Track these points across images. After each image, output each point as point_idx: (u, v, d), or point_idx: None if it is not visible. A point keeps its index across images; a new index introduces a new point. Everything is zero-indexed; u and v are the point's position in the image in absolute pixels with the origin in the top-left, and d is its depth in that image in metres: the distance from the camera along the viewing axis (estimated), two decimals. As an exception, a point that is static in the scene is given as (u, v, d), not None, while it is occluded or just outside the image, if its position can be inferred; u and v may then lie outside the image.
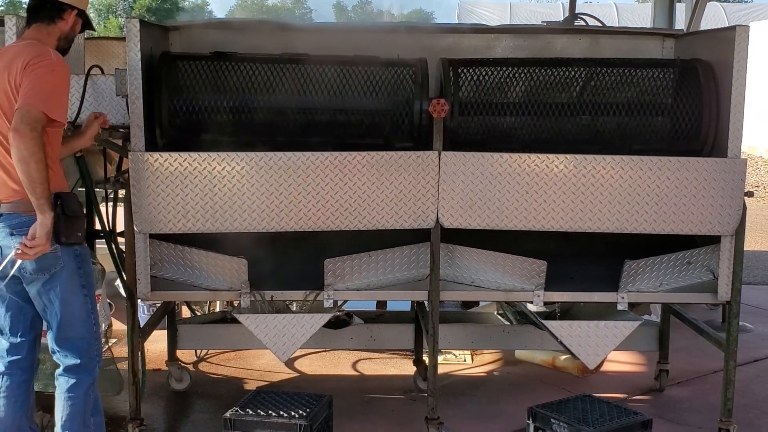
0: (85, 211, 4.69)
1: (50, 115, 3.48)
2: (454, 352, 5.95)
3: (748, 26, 4.14)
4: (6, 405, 3.78)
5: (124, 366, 4.78)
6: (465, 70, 4.58)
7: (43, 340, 4.12)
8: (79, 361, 3.76)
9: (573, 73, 4.58)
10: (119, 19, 46.57)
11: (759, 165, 17.23)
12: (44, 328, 3.85)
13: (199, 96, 4.40)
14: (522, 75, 4.60)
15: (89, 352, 3.80)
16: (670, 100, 4.48)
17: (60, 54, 3.70)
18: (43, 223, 3.47)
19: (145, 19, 4.33)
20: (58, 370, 3.79)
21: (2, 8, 50.67)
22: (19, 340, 3.81)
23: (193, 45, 4.80)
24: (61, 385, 3.77)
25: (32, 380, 3.90)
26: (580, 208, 4.20)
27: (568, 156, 4.17)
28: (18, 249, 3.50)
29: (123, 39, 4.35)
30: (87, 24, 3.90)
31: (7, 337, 3.81)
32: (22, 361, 3.82)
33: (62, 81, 3.62)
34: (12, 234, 3.58)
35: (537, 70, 4.60)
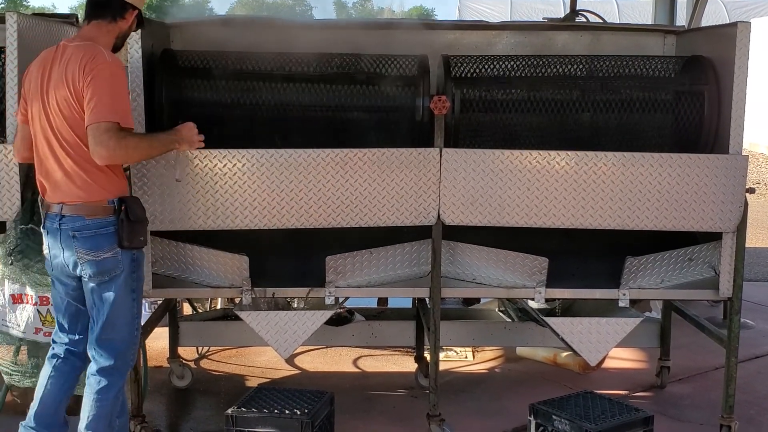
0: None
1: (121, 123, 3.52)
2: (455, 349, 5.95)
3: (750, 23, 4.14)
4: (54, 384, 3.84)
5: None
6: (466, 67, 4.58)
7: (41, 338, 4.14)
8: (113, 363, 3.77)
9: (574, 69, 4.59)
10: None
11: (760, 162, 17.23)
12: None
13: (200, 93, 4.40)
14: (523, 72, 4.60)
15: (125, 356, 3.82)
16: (671, 97, 4.48)
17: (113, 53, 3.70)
18: (182, 136, 3.78)
19: (147, 16, 4.33)
20: (90, 370, 3.78)
21: (2, 6, 50.67)
22: (77, 337, 3.86)
23: (194, 42, 4.79)
24: (92, 385, 3.77)
25: (82, 369, 3.91)
26: (582, 205, 4.20)
27: (569, 153, 4.16)
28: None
29: (123, 36, 4.32)
30: (140, 23, 3.90)
31: (63, 330, 3.87)
32: (80, 353, 3.88)
33: (122, 83, 3.62)
34: (74, 237, 3.60)
35: (538, 67, 4.60)
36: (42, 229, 3.75)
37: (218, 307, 6.04)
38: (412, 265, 4.41)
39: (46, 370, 3.87)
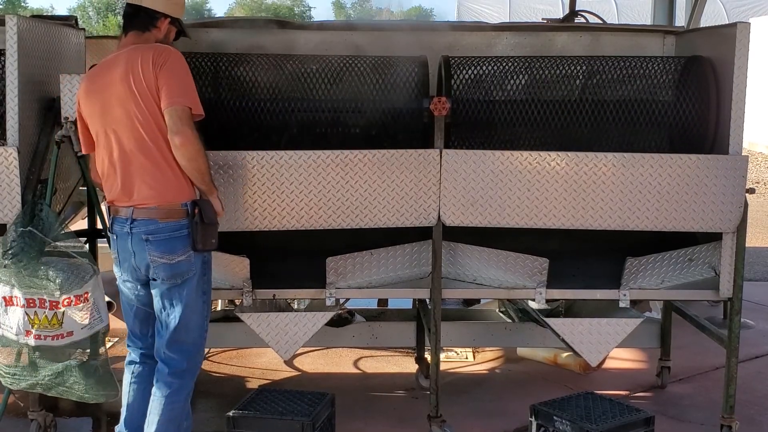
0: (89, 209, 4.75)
1: (194, 110, 3.56)
2: (456, 349, 5.96)
3: (749, 23, 4.14)
4: (137, 390, 3.90)
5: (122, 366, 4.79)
6: (466, 68, 4.59)
7: (31, 341, 4.13)
8: (185, 366, 3.80)
9: (574, 70, 4.59)
10: (119, 17, 46.61)
11: (759, 161, 17.24)
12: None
13: (199, 95, 4.40)
14: (522, 72, 4.61)
15: (196, 358, 3.86)
16: (671, 97, 4.48)
17: None
18: (216, 199, 3.70)
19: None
20: (161, 374, 3.79)
21: (1, 7, 50.69)
22: (150, 340, 3.89)
23: (194, 44, 4.79)
24: (162, 389, 3.77)
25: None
26: (582, 206, 4.20)
27: (569, 153, 4.17)
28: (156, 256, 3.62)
29: (123, 38, 4.33)
30: (182, 32, 3.90)
31: (137, 336, 3.92)
32: (153, 355, 3.90)
33: (189, 72, 3.65)
34: (147, 240, 3.61)
35: (537, 68, 4.61)
36: (109, 233, 3.76)
37: (219, 308, 6.04)
38: (413, 266, 4.41)
39: (126, 378, 3.91)
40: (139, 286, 3.78)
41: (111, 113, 3.61)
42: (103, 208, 4.62)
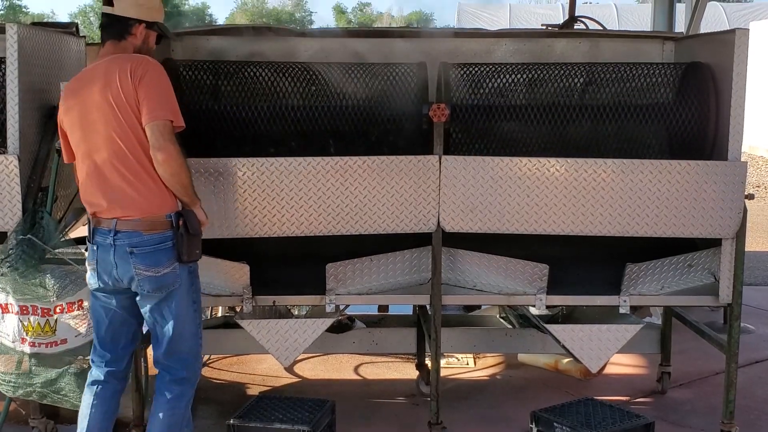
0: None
1: (175, 122, 3.53)
2: (456, 355, 5.96)
3: (748, 29, 4.15)
4: (96, 414, 3.80)
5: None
6: (465, 74, 4.60)
7: (27, 348, 4.14)
8: (185, 374, 3.79)
9: (573, 76, 4.60)
10: (119, 22, 46.60)
11: (760, 165, 17.23)
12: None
13: (201, 102, 4.42)
14: (522, 78, 4.62)
15: (194, 366, 3.84)
16: (670, 103, 4.49)
17: None
18: (199, 210, 3.67)
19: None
20: (161, 382, 3.78)
21: (2, 12, 50.74)
22: (120, 353, 3.83)
23: (195, 52, 4.82)
24: (164, 395, 3.76)
25: (123, 391, 3.92)
26: (581, 212, 4.21)
27: (568, 159, 4.18)
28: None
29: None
30: (163, 35, 3.87)
31: (107, 348, 3.81)
32: (120, 372, 3.86)
33: (169, 83, 3.62)
34: (132, 253, 3.56)
35: (537, 74, 4.62)
36: (89, 243, 3.69)
37: (219, 315, 6.04)
38: (413, 272, 4.41)
39: (87, 398, 3.83)
40: (117, 294, 3.71)
41: (90, 126, 3.57)
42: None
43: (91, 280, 3.72)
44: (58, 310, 4.10)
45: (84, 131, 3.60)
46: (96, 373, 3.83)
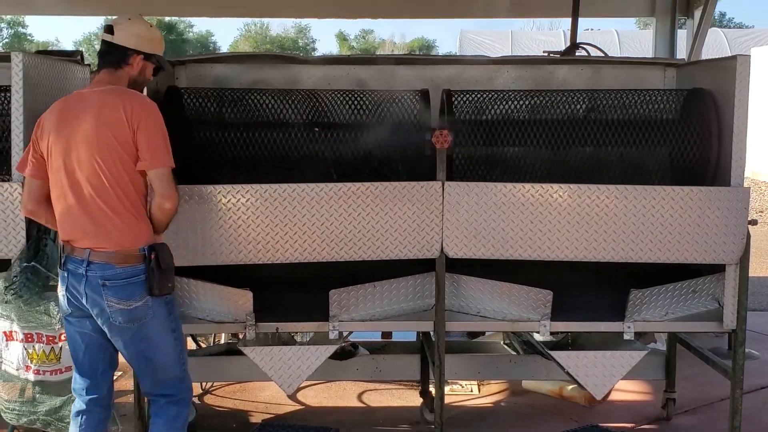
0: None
1: (172, 165, 3.59)
2: (460, 382, 5.93)
3: (749, 55, 4.17)
4: None
5: (129, 399, 4.79)
6: (467, 101, 4.62)
7: (31, 376, 4.12)
8: (178, 395, 3.79)
9: (575, 103, 4.62)
10: (124, 50, 46.88)
11: (763, 190, 17.22)
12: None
13: (204, 130, 4.44)
14: (524, 105, 4.64)
15: (184, 387, 3.82)
16: (672, 130, 4.50)
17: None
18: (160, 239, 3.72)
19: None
20: (157, 404, 3.78)
21: (7, 40, 51.08)
22: (100, 378, 3.79)
23: (198, 79, 4.84)
24: (162, 416, 3.76)
25: (109, 418, 3.89)
26: (584, 238, 4.21)
27: (571, 186, 4.18)
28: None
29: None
30: (161, 68, 3.89)
31: (86, 375, 3.78)
32: (102, 399, 3.82)
33: (164, 125, 3.64)
34: (104, 285, 3.54)
35: (539, 100, 4.63)
36: (60, 269, 3.67)
37: (222, 341, 6.03)
38: (416, 299, 4.41)
39: (73, 430, 3.79)
40: (90, 317, 3.65)
41: (75, 154, 3.54)
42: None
43: (63, 305, 3.70)
44: (63, 337, 4.09)
45: (68, 158, 3.56)
46: (79, 403, 3.80)
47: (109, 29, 3.75)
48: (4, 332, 4.14)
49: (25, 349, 4.11)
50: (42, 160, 3.67)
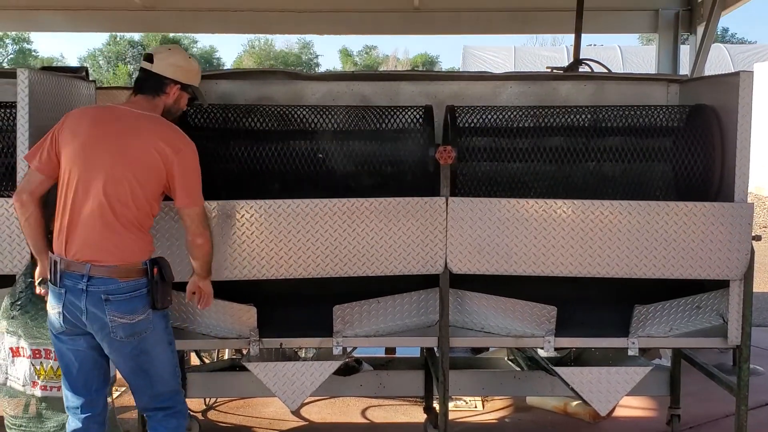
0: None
1: (203, 204, 3.77)
2: (464, 398, 5.92)
3: (752, 72, 4.19)
4: None
5: (132, 415, 4.78)
6: (470, 117, 4.63)
7: (38, 392, 4.12)
8: (176, 407, 3.82)
9: (578, 119, 4.63)
10: (129, 66, 47.14)
11: (767, 205, 17.19)
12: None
13: (209, 145, 4.45)
14: (527, 121, 4.65)
15: (179, 399, 3.87)
16: (675, 145, 4.51)
17: None
18: (209, 283, 3.97)
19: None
20: (154, 422, 3.80)
21: (12, 56, 51.31)
22: (94, 395, 3.79)
23: (203, 95, 4.84)
24: (160, 429, 3.80)
25: None
26: (589, 254, 4.21)
27: (575, 201, 4.19)
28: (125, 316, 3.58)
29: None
30: (195, 98, 3.97)
31: (81, 393, 3.77)
32: (98, 416, 3.82)
33: (198, 163, 3.74)
34: (107, 300, 3.54)
35: (542, 116, 4.65)
36: (52, 285, 3.64)
37: (225, 357, 6.03)
38: (420, 314, 4.41)
39: None
40: (85, 335, 3.65)
41: (94, 165, 3.56)
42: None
43: (56, 323, 3.66)
44: None
45: (86, 168, 3.58)
46: (74, 422, 3.79)
47: (148, 57, 3.82)
48: (11, 348, 4.14)
49: (33, 365, 4.11)
50: (55, 160, 3.67)
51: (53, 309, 3.65)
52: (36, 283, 3.87)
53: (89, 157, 3.59)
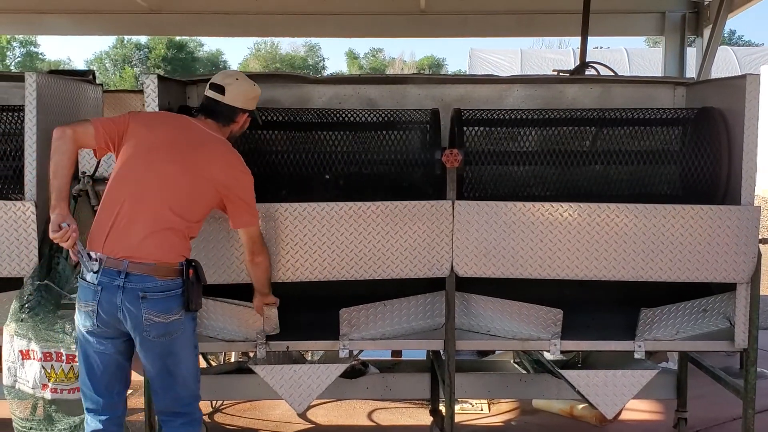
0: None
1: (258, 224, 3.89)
2: (470, 401, 5.92)
3: (759, 74, 4.18)
4: None
5: (139, 417, 4.79)
6: (477, 120, 4.64)
7: (48, 394, 4.13)
8: (193, 414, 3.83)
9: (585, 122, 4.63)
10: (135, 69, 47.25)
11: (773, 208, 17.16)
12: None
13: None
14: (533, 124, 4.65)
15: (196, 406, 3.86)
16: (682, 149, 4.51)
17: None
18: (274, 306, 4.16)
19: (162, 74, 4.41)
20: (169, 426, 3.79)
21: (19, 59, 51.48)
22: (115, 398, 3.80)
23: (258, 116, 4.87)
24: None
25: None
26: (595, 257, 4.21)
27: (581, 204, 4.19)
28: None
29: (140, 92, 4.43)
30: (254, 121, 4.07)
31: (102, 394, 3.76)
32: (118, 418, 3.83)
33: (253, 188, 3.87)
34: (144, 298, 3.56)
35: (548, 120, 4.65)
36: (86, 282, 3.61)
37: (232, 360, 6.04)
38: (426, 317, 4.41)
39: None
40: (116, 335, 3.66)
41: (155, 168, 3.64)
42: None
43: (86, 322, 3.64)
44: None
45: (147, 168, 3.65)
46: (94, 422, 3.78)
47: (219, 89, 3.90)
48: (21, 351, 4.16)
49: (44, 367, 4.13)
50: (114, 135, 3.69)
51: (86, 306, 3.63)
52: (55, 226, 3.58)
53: (154, 161, 3.65)
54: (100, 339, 3.67)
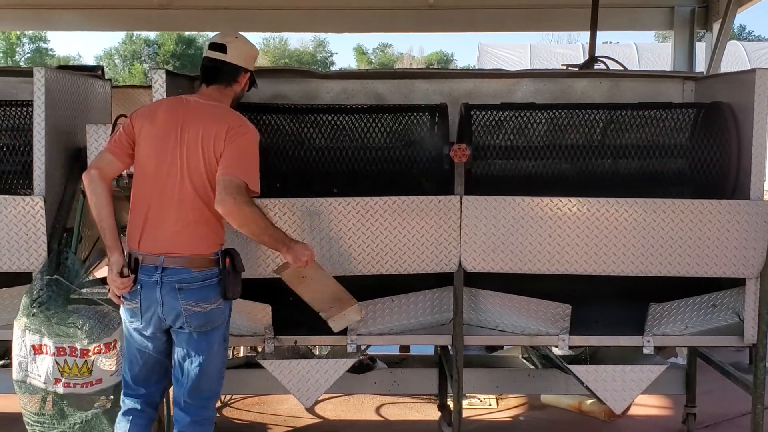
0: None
1: (249, 185, 3.60)
2: (478, 396, 5.92)
3: (768, 69, 4.16)
4: None
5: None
6: (485, 115, 4.63)
7: (60, 389, 4.14)
8: (206, 414, 3.81)
9: (593, 116, 4.62)
10: (144, 65, 47.33)
11: (783, 203, 17.09)
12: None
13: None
14: (542, 119, 4.64)
15: (213, 405, 3.87)
16: (691, 143, 4.49)
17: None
18: (289, 253, 3.73)
19: (170, 69, 4.42)
20: (180, 423, 3.77)
21: (29, 55, 51.61)
22: (153, 387, 3.87)
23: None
24: None
25: (154, 421, 3.95)
26: (603, 252, 4.20)
27: (590, 199, 4.18)
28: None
29: (149, 87, 4.43)
30: (252, 83, 4.01)
31: (141, 384, 3.84)
32: (155, 402, 3.90)
33: (257, 152, 3.71)
34: (180, 290, 3.59)
35: (557, 114, 4.64)
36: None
37: (240, 355, 6.05)
38: (434, 313, 4.41)
39: (123, 427, 3.82)
40: (158, 335, 3.72)
41: (168, 156, 3.62)
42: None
43: (132, 318, 3.72)
44: (96, 350, 4.13)
45: (161, 161, 3.63)
46: (130, 402, 3.84)
47: (220, 47, 3.84)
48: (33, 346, 4.17)
49: (57, 362, 4.14)
50: (127, 143, 3.70)
51: (130, 304, 3.69)
52: (114, 275, 3.64)
53: (164, 151, 3.64)
54: (142, 337, 3.73)
